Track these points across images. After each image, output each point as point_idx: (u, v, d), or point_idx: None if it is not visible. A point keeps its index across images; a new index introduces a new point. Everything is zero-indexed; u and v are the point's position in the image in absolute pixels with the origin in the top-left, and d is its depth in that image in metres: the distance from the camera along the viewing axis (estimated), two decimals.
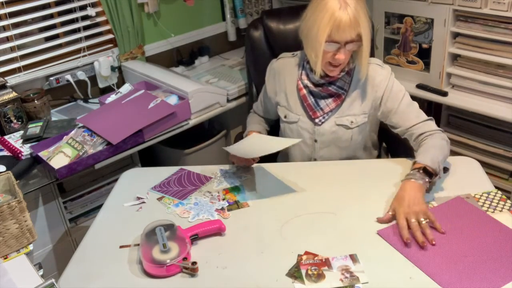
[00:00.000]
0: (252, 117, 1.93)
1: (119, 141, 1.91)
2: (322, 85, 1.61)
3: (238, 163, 1.66)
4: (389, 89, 1.62)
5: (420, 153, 1.51)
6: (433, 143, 1.53)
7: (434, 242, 1.23)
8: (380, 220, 1.35)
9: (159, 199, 1.56)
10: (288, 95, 1.71)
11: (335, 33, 1.45)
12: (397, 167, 1.61)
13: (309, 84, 1.63)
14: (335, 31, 1.45)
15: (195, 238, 1.34)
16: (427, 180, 1.41)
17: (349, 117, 1.64)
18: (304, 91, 1.65)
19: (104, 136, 1.91)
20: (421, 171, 1.42)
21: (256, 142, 1.59)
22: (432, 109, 2.54)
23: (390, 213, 1.35)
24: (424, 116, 1.62)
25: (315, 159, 1.73)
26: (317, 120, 1.65)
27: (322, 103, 1.64)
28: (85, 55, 2.42)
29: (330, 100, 1.63)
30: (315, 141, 1.69)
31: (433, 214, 1.30)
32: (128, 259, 1.31)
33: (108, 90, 2.48)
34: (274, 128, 1.91)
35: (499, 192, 1.44)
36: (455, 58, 2.29)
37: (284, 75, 1.72)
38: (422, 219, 1.29)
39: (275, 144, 1.57)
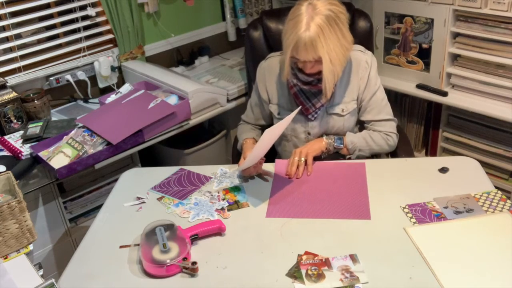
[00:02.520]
0: (242, 127, 1.91)
1: (119, 141, 1.91)
2: (311, 83, 1.62)
3: (251, 173, 1.60)
4: (371, 76, 1.68)
5: (358, 134, 1.72)
6: (376, 138, 1.70)
7: (295, 178, 1.57)
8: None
9: (159, 199, 1.56)
10: (279, 93, 1.74)
11: (295, 52, 1.51)
12: (396, 167, 1.61)
13: (299, 83, 1.64)
14: (295, 50, 1.50)
15: (195, 238, 1.34)
16: (332, 143, 1.66)
17: (340, 105, 1.69)
18: (295, 89, 1.68)
19: (104, 136, 1.91)
20: (335, 137, 1.67)
21: (265, 138, 1.52)
22: (432, 109, 2.54)
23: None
24: (387, 114, 1.72)
25: None
26: (309, 116, 1.70)
27: (313, 99, 1.67)
28: (85, 55, 2.42)
29: (320, 95, 1.66)
30: (309, 133, 1.73)
31: (312, 158, 1.60)
32: (128, 259, 1.31)
33: (108, 90, 2.48)
34: None
35: (499, 192, 1.44)
36: (455, 58, 2.29)
37: (274, 74, 1.75)
38: (302, 158, 1.59)
39: (280, 126, 1.51)
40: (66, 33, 2.39)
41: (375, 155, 1.86)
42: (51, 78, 2.32)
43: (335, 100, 1.69)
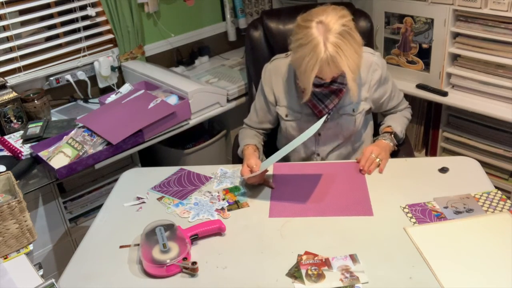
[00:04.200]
0: (244, 131, 1.85)
1: (119, 141, 1.91)
2: (322, 85, 1.61)
3: (255, 182, 1.57)
4: (383, 76, 1.72)
5: (394, 119, 1.81)
6: (407, 115, 1.86)
7: (369, 173, 1.59)
8: (358, 159, 1.64)
9: (159, 199, 1.56)
10: (287, 95, 1.72)
11: (319, 73, 1.51)
12: (396, 166, 1.61)
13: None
14: (319, 72, 1.50)
15: (195, 238, 1.34)
16: (393, 144, 1.71)
17: (351, 105, 1.69)
18: None
19: (104, 136, 1.91)
20: (391, 136, 1.73)
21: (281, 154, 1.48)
22: (432, 109, 2.54)
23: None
24: (401, 93, 1.86)
25: (318, 154, 1.74)
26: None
27: (326, 100, 1.66)
28: (85, 55, 2.42)
29: (333, 96, 1.66)
30: (319, 134, 1.72)
31: (386, 162, 1.63)
32: (128, 259, 1.31)
33: (108, 90, 2.48)
34: (270, 138, 1.90)
35: (499, 192, 1.44)
36: (455, 58, 2.29)
37: (281, 75, 1.73)
38: (378, 159, 1.61)
39: (299, 138, 1.49)
40: (66, 33, 2.39)
41: None
42: (51, 78, 2.32)
43: (346, 101, 1.69)
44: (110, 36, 2.49)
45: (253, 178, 1.55)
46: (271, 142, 1.92)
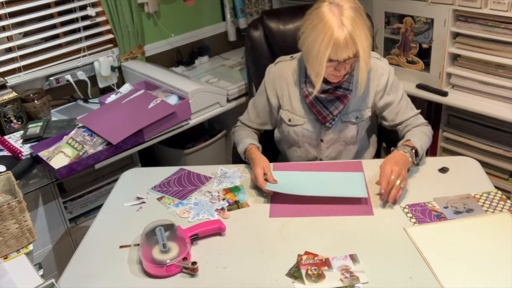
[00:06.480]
0: (242, 130, 1.81)
1: (119, 141, 1.91)
2: (328, 91, 1.60)
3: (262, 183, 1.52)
4: (390, 82, 1.65)
5: (414, 134, 1.61)
6: (426, 132, 1.64)
7: (392, 202, 1.43)
8: (378, 182, 1.47)
9: (159, 199, 1.56)
10: (291, 99, 1.70)
11: (334, 54, 1.45)
12: None
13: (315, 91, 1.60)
14: (334, 52, 1.44)
15: (195, 238, 1.34)
16: (412, 160, 1.53)
17: (354, 112, 1.67)
18: (311, 97, 1.63)
19: (104, 136, 1.91)
20: (411, 150, 1.54)
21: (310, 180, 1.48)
22: (432, 109, 2.54)
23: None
24: (415, 109, 1.71)
25: (320, 159, 1.74)
26: (327, 124, 1.66)
27: (331, 106, 1.63)
28: (85, 55, 2.42)
29: (337, 102, 1.63)
30: (321, 140, 1.70)
31: (405, 183, 1.47)
32: (128, 259, 1.31)
33: (108, 90, 2.48)
34: (269, 138, 1.90)
35: (499, 192, 1.44)
36: (455, 58, 2.29)
37: (286, 79, 1.70)
38: (398, 181, 1.43)
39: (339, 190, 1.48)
40: (66, 33, 2.39)
41: (375, 155, 1.87)
42: (51, 78, 2.32)
43: (349, 107, 1.66)
44: (110, 36, 2.49)
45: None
46: (269, 142, 1.92)
